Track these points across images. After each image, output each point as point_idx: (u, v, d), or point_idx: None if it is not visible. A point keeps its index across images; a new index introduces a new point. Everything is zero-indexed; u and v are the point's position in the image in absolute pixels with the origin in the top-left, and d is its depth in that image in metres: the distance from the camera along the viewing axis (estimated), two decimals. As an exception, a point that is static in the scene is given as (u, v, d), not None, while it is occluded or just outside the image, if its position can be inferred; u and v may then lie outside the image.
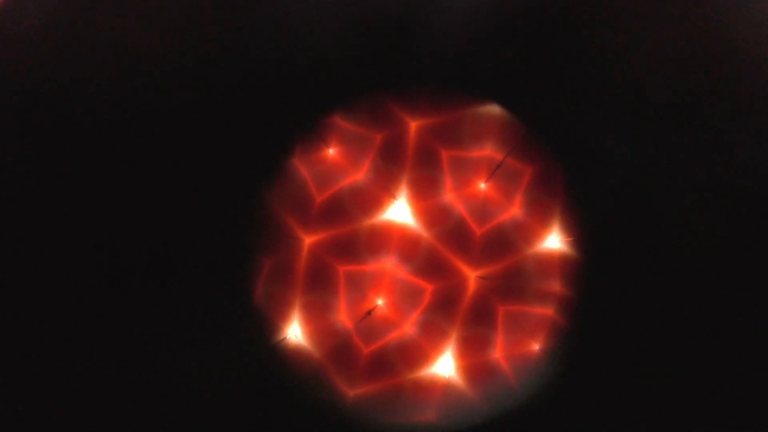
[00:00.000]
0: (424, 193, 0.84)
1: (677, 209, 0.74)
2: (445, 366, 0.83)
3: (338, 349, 0.83)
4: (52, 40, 0.73)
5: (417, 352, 0.83)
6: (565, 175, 0.81)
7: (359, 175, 0.84)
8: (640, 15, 0.73)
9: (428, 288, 0.83)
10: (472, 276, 0.83)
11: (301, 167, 0.83)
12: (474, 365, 0.83)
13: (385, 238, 0.84)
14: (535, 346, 0.82)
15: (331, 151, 0.84)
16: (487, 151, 0.84)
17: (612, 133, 0.76)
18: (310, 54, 0.75)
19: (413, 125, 0.84)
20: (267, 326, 0.82)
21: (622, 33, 0.73)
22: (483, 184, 0.84)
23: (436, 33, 0.76)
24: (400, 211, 0.84)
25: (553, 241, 0.83)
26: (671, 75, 0.73)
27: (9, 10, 0.72)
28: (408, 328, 0.83)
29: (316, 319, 0.83)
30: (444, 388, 0.82)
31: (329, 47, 0.76)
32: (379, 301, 0.83)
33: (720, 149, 0.73)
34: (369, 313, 0.83)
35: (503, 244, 0.83)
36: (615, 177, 0.76)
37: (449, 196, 0.84)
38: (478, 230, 0.83)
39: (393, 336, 0.83)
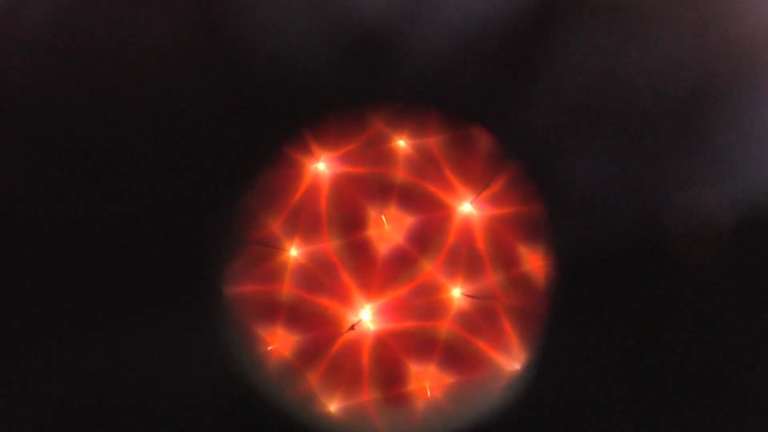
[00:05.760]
0: (410, 211, 0.84)
1: (675, 220, 0.74)
2: (426, 380, 0.82)
3: (319, 362, 0.82)
4: (51, 38, 0.73)
5: (399, 367, 0.82)
6: (556, 191, 0.81)
7: (344, 191, 0.84)
8: (634, 17, 0.73)
9: (411, 304, 0.83)
10: (456, 293, 0.83)
11: (284, 179, 0.83)
12: (456, 381, 0.82)
13: (370, 254, 0.83)
14: (518, 365, 0.82)
15: (319, 165, 0.84)
16: (476, 170, 0.84)
17: (602, 147, 0.76)
18: (292, 67, 0.76)
19: (399, 142, 0.84)
20: (246, 337, 0.81)
21: (613, 38, 0.73)
22: (467, 205, 0.84)
23: (419, 50, 0.76)
24: (385, 228, 0.84)
25: (541, 258, 0.83)
26: (666, 80, 0.73)
27: (9, 9, 0.72)
28: (391, 342, 0.83)
29: (297, 330, 0.83)
30: (425, 404, 0.82)
31: (311, 61, 0.76)
32: (362, 315, 0.83)
33: (719, 158, 0.72)
34: (351, 327, 0.82)
35: (491, 261, 0.83)
36: (608, 190, 0.76)
37: (435, 215, 0.84)
38: (463, 247, 0.83)
39: (375, 350, 0.83)
